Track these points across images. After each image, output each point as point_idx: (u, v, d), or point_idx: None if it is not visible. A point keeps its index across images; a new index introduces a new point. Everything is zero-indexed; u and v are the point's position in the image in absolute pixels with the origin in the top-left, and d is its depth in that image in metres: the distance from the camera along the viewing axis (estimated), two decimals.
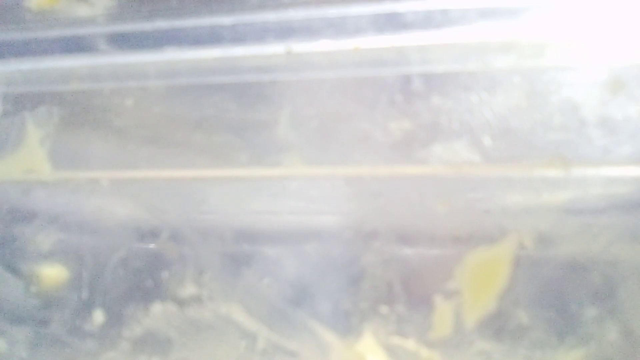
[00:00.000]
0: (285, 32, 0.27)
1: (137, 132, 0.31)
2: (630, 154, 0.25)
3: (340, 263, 0.29)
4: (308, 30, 0.27)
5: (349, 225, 0.29)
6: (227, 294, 0.30)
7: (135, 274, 0.32)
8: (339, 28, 0.27)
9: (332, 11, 0.27)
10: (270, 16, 0.27)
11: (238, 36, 0.28)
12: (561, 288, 0.26)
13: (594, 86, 0.25)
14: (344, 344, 0.29)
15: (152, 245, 0.31)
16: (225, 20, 0.28)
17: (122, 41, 0.29)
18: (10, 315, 0.34)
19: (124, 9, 0.30)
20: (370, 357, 0.29)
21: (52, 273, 0.33)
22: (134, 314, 0.32)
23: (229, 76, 0.29)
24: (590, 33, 0.24)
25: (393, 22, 0.26)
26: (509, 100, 0.26)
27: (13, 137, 0.32)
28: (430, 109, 0.27)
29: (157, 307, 0.31)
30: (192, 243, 0.31)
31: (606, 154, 0.25)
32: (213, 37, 0.28)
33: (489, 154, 0.26)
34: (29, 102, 0.32)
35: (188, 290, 0.31)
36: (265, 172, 0.29)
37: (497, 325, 0.27)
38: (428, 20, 0.26)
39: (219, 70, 0.29)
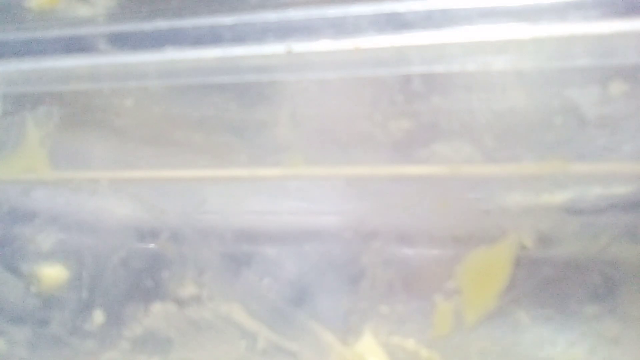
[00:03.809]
0: (285, 32, 0.27)
1: (137, 132, 0.31)
2: (630, 154, 0.25)
3: (340, 263, 0.29)
4: (308, 30, 0.27)
5: (349, 225, 0.29)
6: (227, 294, 0.30)
7: (135, 274, 0.32)
8: (339, 28, 0.27)
9: (332, 11, 0.27)
10: (270, 16, 0.27)
11: (238, 36, 0.28)
12: (561, 288, 0.26)
13: (594, 86, 0.25)
14: (344, 344, 0.29)
15: (152, 245, 0.31)
16: (225, 20, 0.28)
17: (122, 41, 0.29)
18: (10, 315, 0.34)
19: (124, 9, 0.30)
20: (370, 357, 0.29)
21: (52, 273, 0.33)
22: (134, 314, 0.32)
23: (229, 76, 0.29)
24: (590, 33, 0.24)
25: (393, 22, 0.26)
26: (509, 100, 0.26)
27: (13, 137, 0.32)
28: (430, 109, 0.27)
29: (157, 307, 0.31)
30: (192, 243, 0.31)
31: (606, 154, 0.25)
32: (213, 37, 0.28)
33: (489, 154, 0.26)
34: (29, 102, 0.32)
35: (188, 290, 0.31)
36: (265, 172, 0.29)
37: (497, 325, 0.27)
38: (428, 20, 0.26)
39: (219, 70, 0.29)
